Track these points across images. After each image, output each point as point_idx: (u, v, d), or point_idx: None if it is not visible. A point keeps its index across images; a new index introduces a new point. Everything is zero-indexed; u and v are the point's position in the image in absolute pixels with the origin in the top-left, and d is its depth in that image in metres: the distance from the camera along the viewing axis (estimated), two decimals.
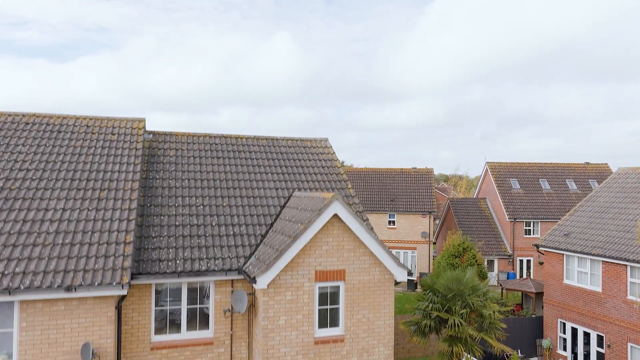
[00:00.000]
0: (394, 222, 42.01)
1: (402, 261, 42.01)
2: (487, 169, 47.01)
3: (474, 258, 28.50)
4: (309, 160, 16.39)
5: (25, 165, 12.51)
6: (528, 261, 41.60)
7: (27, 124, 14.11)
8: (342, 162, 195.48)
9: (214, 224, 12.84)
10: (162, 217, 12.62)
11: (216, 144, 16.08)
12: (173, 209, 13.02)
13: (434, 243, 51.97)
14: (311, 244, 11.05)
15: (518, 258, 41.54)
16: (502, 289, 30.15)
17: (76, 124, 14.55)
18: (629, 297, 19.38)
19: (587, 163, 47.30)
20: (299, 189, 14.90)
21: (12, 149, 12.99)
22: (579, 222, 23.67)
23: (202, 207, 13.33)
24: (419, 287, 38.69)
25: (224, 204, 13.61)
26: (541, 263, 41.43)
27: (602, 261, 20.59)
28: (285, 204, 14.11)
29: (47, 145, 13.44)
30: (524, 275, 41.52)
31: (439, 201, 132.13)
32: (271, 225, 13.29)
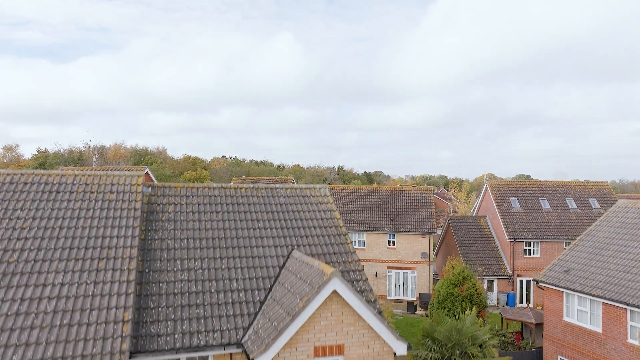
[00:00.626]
0: (393, 242, 41.98)
1: (401, 281, 42.07)
2: (486, 187, 47.00)
3: (473, 287, 28.46)
4: (308, 211, 16.36)
5: (23, 234, 12.47)
6: (528, 281, 41.56)
7: (26, 184, 14.07)
8: (342, 167, 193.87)
9: (212, 290, 12.81)
10: (160, 285, 12.59)
11: (215, 196, 16.05)
12: (172, 274, 12.98)
13: (435, 257, 51.96)
14: (310, 320, 11.03)
15: (518, 278, 41.50)
16: (502, 318, 30.12)
17: (75, 182, 14.52)
18: (629, 340, 19.36)
19: (587, 181, 47.30)
20: (299, 246, 14.87)
21: (10, 214, 12.96)
22: (579, 258, 23.63)
23: (200, 270, 13.29)
24: (419, 308, 38.68)
25: (223, 267, 13.57)
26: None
27: (602, 302, 20.56)
28: (284, 263, 14.08)
29: (46, 208, 13.41)
30: (524, 296, 41.51)
31: (438, 207, 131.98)
32: (270, 289, 13.26)
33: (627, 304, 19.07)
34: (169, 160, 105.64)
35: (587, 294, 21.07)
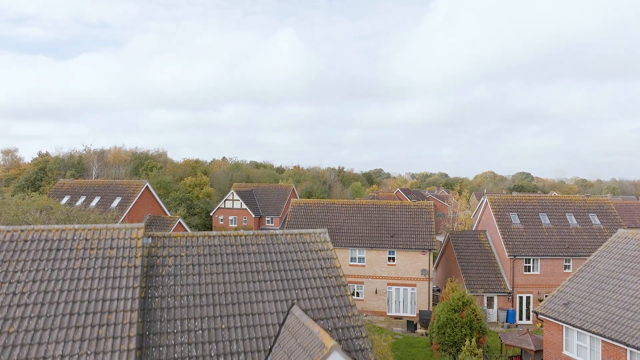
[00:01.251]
0: (393, 259, 42.02)
1: (401, 298, 42.12)
2: (486, 202, 47.00)
3: (473, 313, 28.51)
4: (308, 260, 16.36)
5: (24, 299, 12.48)
6: (528, 298, 41.62)
7: (26, 241, 14.08)
8: (342, 168, 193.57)
9: (212, 354, 12.84)
10: (160, 349, 12.61)
11: (215, 246, 16.05)
12: (172, 336, 13.00)
13: (435, 269, 52.00)
14: None
15: (518, 295, 41.55)
16: (501, 343, 30.18)
17: (75, 238, 14.52)
18: None
19: (587, 196, 47.31)
20: (299, 300, 14.88)
21: (10, 277, 12.97)
22: (578, 291, 23.66)
23: (201, 332, 13.31)
24: (419, 327, 38.71)
25: (223, 326, 13.59)
26: (541, 300, 41.47)
27: (602, 340, 20.60)
28: (284, 320, 14.10)
29: (46, 269, 13.41)
30: (524, 312, 41.56)
31: (438, 210, 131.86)
32: (270, 350, 13.28)
33: (627, 345, 19.11)
34: (169, 164, 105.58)
35: (586, 330, 21.11)
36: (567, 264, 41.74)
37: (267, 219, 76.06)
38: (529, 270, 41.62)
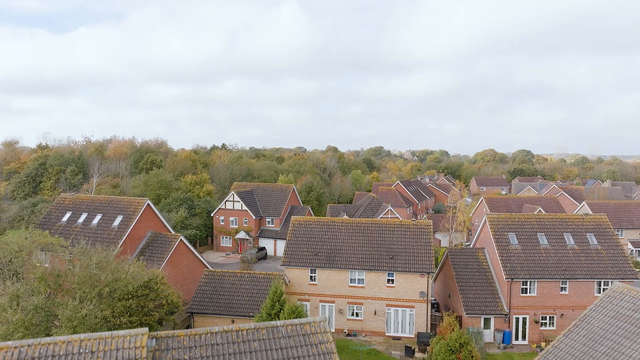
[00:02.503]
0: (393, 281, 42.62)
1: (400, 319, 42.87)
2: (485, 221, 47.32)
3: (470, 355, 29.16)
4: (309, 356, 16.76)
5: None
6: (524, 319, 42.35)
7: (33, 358, 14.44)
8: (342, 153, 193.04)
9: None
10: None
11: (217, 345, 16.43)
12: None
13: (434, 282, 52.73)
14: None
15: (514, 316, 42.27)
16: None
17: (80, 351, 14.88)
18: None
19: (586, 214, 47.60)
20: None
21: None
22: (572, 349, 24.14)
23: None
24: (416, 351, 39.49)
25: None
26: (537, 322, 42.25)
27: None
28: None
29: None
30: (520, 333, 42.32)
31: (438, 200, 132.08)
32: None
33: None
34: (169, 159, 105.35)
35: None
36: (563, 285, 42.36)
37: (267, 219, 76.60)
38: (526, 292, 42.25)
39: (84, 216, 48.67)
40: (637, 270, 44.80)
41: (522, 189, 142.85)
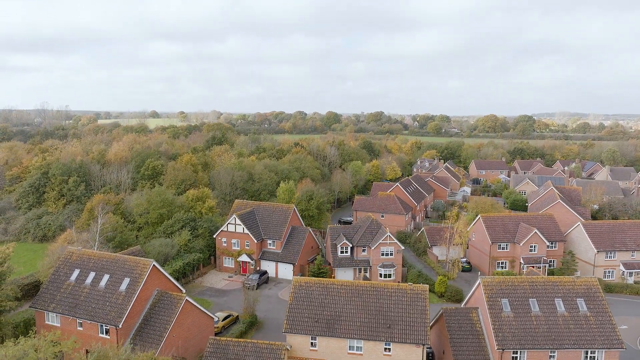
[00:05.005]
0: (389, 349, 44.66)
1: None
2: (480, 284, 48.90)
3: None
4: None
5: None
6: None
7: None
8: (342, 141, 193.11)
9: None
10: None
11: None
12: None
13: (430, 328, 54.82)
14: None
15: None
16: None
17: None
18: None
19: (577, 277, 49.15)
20: None
21: None
22: None
23: None
24: None
25: None
26: None
27: None
28: None
29: None
30: None
31: (437, 195, 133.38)
32: None
33: None
34: (170, 166, 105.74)
35: None
36: (552, 354, 44.46)
37: (268, 241, 78.32)
38: None
39: (91, 276, 50.27)
40: (621, 340, 46.80)
41: (520, 181, 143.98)
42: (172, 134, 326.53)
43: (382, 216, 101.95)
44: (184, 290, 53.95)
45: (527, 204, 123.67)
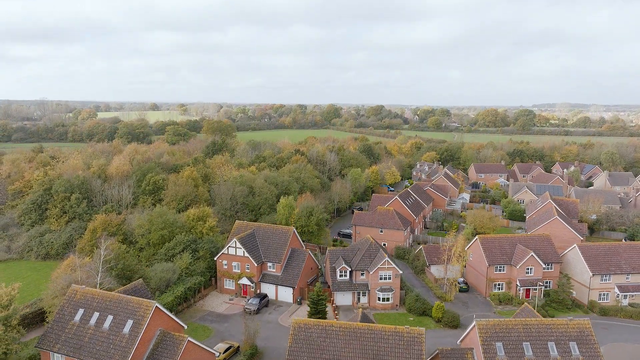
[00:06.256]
0: None
1: None
2: (475, 326, 50.01)
3: None
4: None
5: None
6: None
7: None
8: (342, 145, 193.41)
9: None
10: None
11: None
12: None
13: None
14: None
15: None
16: None
17: None
18: None
19: (571, 319, 50.24)
20: None
21: None
22: None
23: None
24: None
25: None
26: None
27: None
28: None
29: None
30: None
31: (436, 204, 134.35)
32: None
33: None
34: (171, 181, 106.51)
35: None
36: None
37: (268, 264, 79.46)
38: None
39: (95, 316, 51.39)
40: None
41: (519, 189, 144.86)
42: (172, 132, 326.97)
43: (381, 231, 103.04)
44: (185, 327, 55.19)
45: (525, 215, 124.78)
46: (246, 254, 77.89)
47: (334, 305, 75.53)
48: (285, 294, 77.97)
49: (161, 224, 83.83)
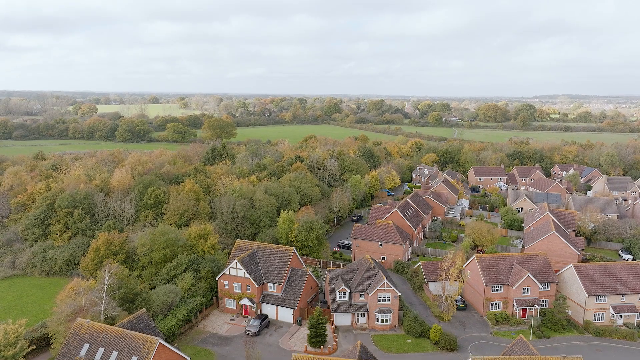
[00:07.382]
0: None
1: None
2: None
3: None
4: None
5: None
6: None
7: None
8: (343, 151, 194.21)
9: None
10: None
11: None
12: None
13: None
14: None
15: None
16: None
17: None
18: None
19: (564, 356, 51.47)
20: None
21: None
22: None
23: None
24: None
25: None
26: None
27: None
28: None
29: None
30: None
31: (435, 212, 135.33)
32: None
33: None
34: (173, 195, 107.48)
35: None
36: None
37: (269, 285, 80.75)
38: None
39: (100, 352, 52.74)
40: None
41: (517, 197, 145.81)
42: (173, 129, 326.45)
43: (381, 245, 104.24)
44: (188, 359, 56.55)
45: (523, 225, 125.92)
46: (247, 275, 79.13)
47: (333, 326, 76.88)
48: (286, 315, 79.34)
49: (163, 243, 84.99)
